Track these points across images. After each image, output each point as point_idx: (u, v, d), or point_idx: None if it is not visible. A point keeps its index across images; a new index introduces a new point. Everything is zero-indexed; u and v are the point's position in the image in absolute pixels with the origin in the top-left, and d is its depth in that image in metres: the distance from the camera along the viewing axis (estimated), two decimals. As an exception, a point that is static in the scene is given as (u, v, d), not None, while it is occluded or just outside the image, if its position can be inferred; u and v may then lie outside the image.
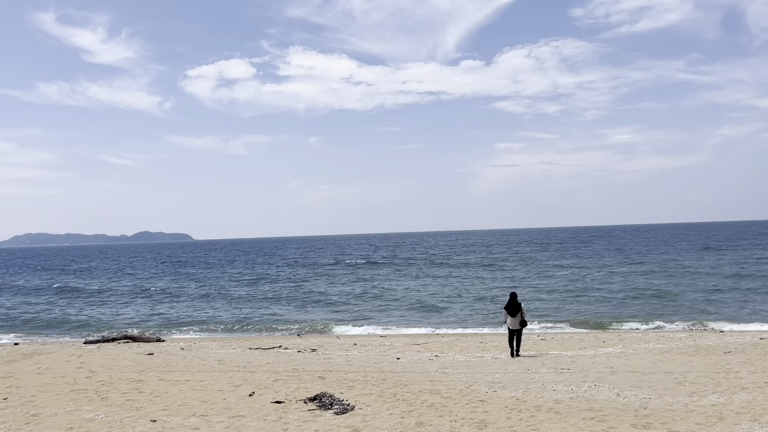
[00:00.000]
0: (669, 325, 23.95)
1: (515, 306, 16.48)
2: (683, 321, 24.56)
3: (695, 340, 18.42)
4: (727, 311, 26.48)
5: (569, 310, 28.67)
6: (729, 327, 22.61)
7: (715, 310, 26.99)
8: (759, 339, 18.07)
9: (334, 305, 33.36)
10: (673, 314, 26.26)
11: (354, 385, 12.38)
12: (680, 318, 25.28)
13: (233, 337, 24.60)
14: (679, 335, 20.31)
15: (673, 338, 19.33)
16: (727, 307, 27.45)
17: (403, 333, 24.43)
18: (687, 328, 23.13)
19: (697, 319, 24.70)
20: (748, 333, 20.50)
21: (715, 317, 25.13)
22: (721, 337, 19.08)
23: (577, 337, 20.68)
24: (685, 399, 10.64)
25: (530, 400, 10.85)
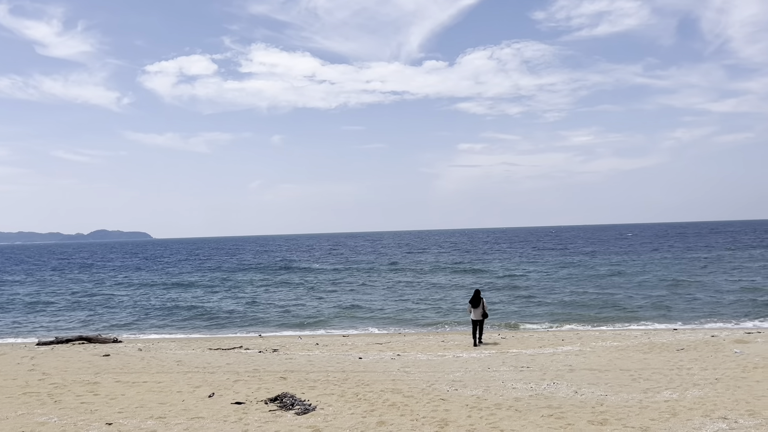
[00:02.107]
0: (625, 323, 24.50)
1: (478, 300, 18.98)
2: (638, 319, 25.17)
3: (650, 338, 18.90)
4: (678, 310, 27.22)
5: (529, 309, 29.08)
6: (681, 326, 23.26)
7: (665, 308, 27.72)
8: (710, 337, 18.65)
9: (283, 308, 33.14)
10: (629, 312, 26.90)
11: (315, 385, 12.33)
12: (635, 316, 25.91)
13: (193, 337, 24.21)
14: (634, 333, 20.80)
15: (629, 336, 19.79)
16: (678, 306, 28.22)
17: (365, 333, 24.42)
18: (642, 326, 23.71)
19: (650, 317, 25.36)
20: (700, 331, 21.14)
21: (664, 316, 25.83)
22: (674, 335, 19.63)
23: (537, 336, 21.00)
24: (639, 395, 10.91)
25: (490, 398, 10.97)
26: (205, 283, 46.48)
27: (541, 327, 24.29)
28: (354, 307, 31.37)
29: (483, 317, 18.98)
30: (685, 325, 23.49)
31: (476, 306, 18.95)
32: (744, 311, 26.13)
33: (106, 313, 31.77)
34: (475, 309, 18.95)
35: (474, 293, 19.41)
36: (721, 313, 26.00)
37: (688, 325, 23.27)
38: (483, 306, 18.96)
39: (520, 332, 22.69)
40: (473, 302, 19.09)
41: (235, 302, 34.63)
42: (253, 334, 24.48)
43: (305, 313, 30.02)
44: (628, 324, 24.27)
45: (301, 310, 30.84)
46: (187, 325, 27.74)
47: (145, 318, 29.94)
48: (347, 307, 31.53)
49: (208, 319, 28.91)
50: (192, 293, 39.92)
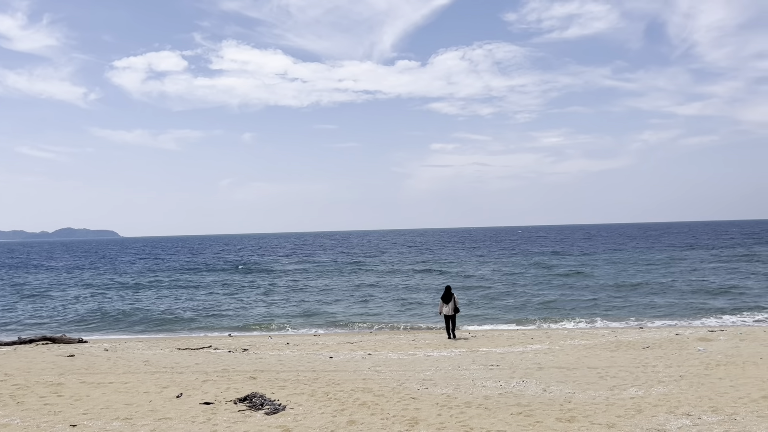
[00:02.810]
0: (594, 321, 24.88)
1: (449, 296, 20.11)
2: (605, 318, 25.59)
3: (617, 336, 19.22)
4: (641, 308, 27.74)
5: (499, 307, 29.34)
6: (646, 324, 23.71)
7: (628, 307, 28.23)
8: (675, 335, 19.05)
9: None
10: (597, 311, 27.32)
11: (286, 385, 12.25)
12: (601, 315, 26.33)
13: (161, 337, 23.85)
14: (602, 332, 21.13)
15: (596, 334, 20.10)
16: (640, 304, 28.76)
17: (336, 332, 24.36)
18: (609, 325, 24.10)
19: (617, 316, 25.81)
20: (665, 329, 21.57)
21: (629, 314, 26.30)
22: (640, 333, 19.99)
23: (506, 335, 21.19)
24: (606, 393, 11.08)
25: (460, 396, 11.03)
26: (161, 284, 45.69)
27: (510, 326, 24.51)
28: (318, 308, 31.24)
29: (455, 312, 20.20)
30: (650, 323, 23.94)
31: (447, 302, 20.08)
32: (704, 310, 26.74)
33: (40, 315, 30.70)
34: (447, 305, 20.07)
35: (445, 289, 20.58)
36: (682, 312, 26.55)
37: (654, 324, 23.72)
38: (454, 301, 20.13)
39: (490, 331, 22.87)
40: (445, 298, 20.21)
41: (184, 304, 34.16)
42: (223, 334, 24.22)
43: (266, 312, 29.80)
44: (593, 322, 24.64)
45: (262, 311, 30.61)
46: (127, 329, 26.42)
47: (78, 322, 28.23)
48: (311, 308, 31.33)
49: (149, 322, 27.75)
50: (139, 294, 38.69)
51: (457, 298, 20.39)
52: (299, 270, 55.91)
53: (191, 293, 38.56)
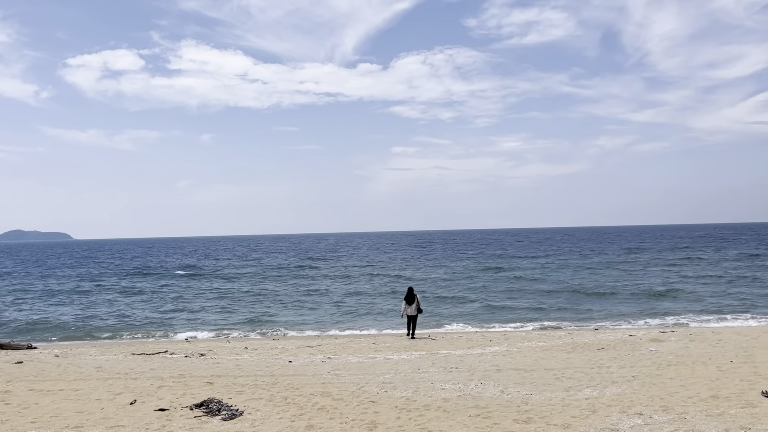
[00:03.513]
0: (551, 323, 25.30)
1: (412, 297, 20.91)
2: (561, 320, 26.05)
3: (573, 338, 19.59)
4: (597, 310, 28.36)
5: (459, 310, 29.58)
6: (601, 325, 24.24)
7: (586, 310, 28.83)
8: (628, 336, 19.51)
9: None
10: (553, 313, 27.80)
11: (243, 390, 12.08)
12: (558, 317, 26.81)
13: (115, 342, 23.25)
14: (558, 333, 21.49)
15: (553, 336, 20.44)
16: (597, 306, 29.41)
17: (296, 336, 24.17)
18: (566, 326, 24.55)
19: (574, 318, 26.32)
20: (619, 330, 22.07)
21: (585, 316, 26.87)
22: (595, 335, 20.41)
23: (466, 337, 21.37)
24: (562, 394, 11.27)
25: (420, 399, 11.07)
26: (106, 288, 44.62)
27: (470, 328, 24.74)
28: (273, 312, 30.97)
29: (417, 312, 21.02)
30: (605, 325, 24.47)
31: (411, 303, 20.87)
32: (655, 311, 27.49)
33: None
34: (410, 306, 20.87)
35: (408, 290, 21.43)
36: (635, 313, 27.24)
37: (609, 325, 24.25)
38: (417, 302, 20.95)
39: (450, 333, 23.03)
40: (408, 299, 20.98)
41: (134, 309, 33.47)
42: (179, 338, 23.76)
43: (221, 317, 29.40)
44: (550, 324, 25.06)
45: (216, 316, 30.19)
46: (73, 335, 25.08)
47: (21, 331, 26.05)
48: (265, 312, 31.01)
49: (97, 329, 26.29)
50: (86, 299, 37.29)
51: (419, 299, 21.29)
52: (252, 273, 55.22)
53: (140, 298, 37.64)
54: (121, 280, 49.96)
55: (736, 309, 27.68)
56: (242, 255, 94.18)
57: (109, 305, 34.12)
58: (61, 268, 68.56)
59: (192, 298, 36.50)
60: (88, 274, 57.87)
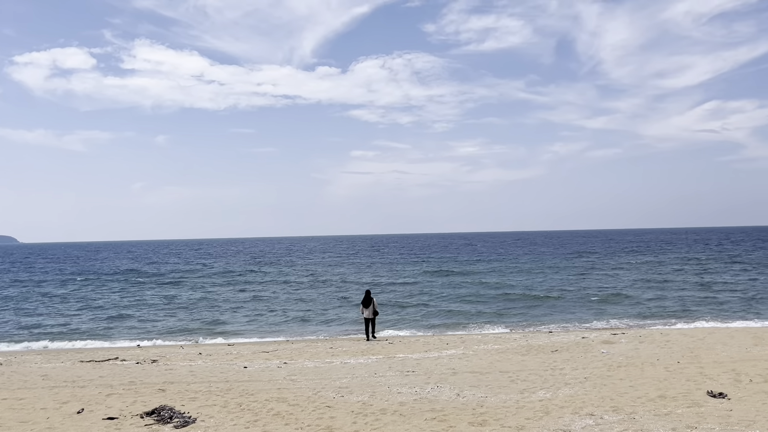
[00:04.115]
0: (506, 326, 25.64)
1: (369, 300, 21.34)
2: (517, 323, 26.44)
3: (528, 341, 19.88)
4: (549, 313, 28.91)
5: (415, 313, 29.70)
6: (555, 328, 24.70)
7: (539, 314, 29.35)
8: (581, 338, 19.92)
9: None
10: (508, 317, 28.19)
11: (197, 397, 11.85)
12: (513, 321, 27.20)
13: (62, 348, 22.50)
14: (513, 336, 21.78)
15: (509, 339, 20.70)
16: (549, 308, 29.98)
17: (251, 341, 23.85)
18: (521, 329, 24.92)
19: (529, 321, 26.75)
20: (572, 332, 22.51)
21: (539, 319, 27.34)
22: (549, 337, 20.77)
23: (423, 340, 21.45)
24: (517, 396, 11.42)
25: (376, 403, 11.05)
26: (55, 292, 43.32)
27: (427, 331, 24.86)
28: (228, 317, 30.53)
29: (374, 315, 21.56)
30: (558, 327, 24.93)
31: (367, 306, 21.38)
32: (607, 314, 28.17)
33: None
34: (367, 308, 21.38)
35: (365, 293, 21.85)
36: (587, 316, 27.86)
37: (562, 328, 24.71)
38: (374, 305, 21.45)
39: (407, 337, 23.09)
40: (365, 302, 21.49)
41: (82, 313, 32.58)
42: (131, 345, 23.16)
43: (173, 323, 28.82)
44: (505, 327, 25.40)
45: (168, 322, 29.59)
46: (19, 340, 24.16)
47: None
48: (218, 317, 30.53)
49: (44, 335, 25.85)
50: (28, 304, 36.63)
51: (376, 302, 21.82)
52: (204, 277, 54.30)
53: (86, 303, 36.53)
54: (64, 285, 48.39)
55: (683, 311, 28.58)
56: (194, 259, 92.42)
57: (52, 312, 33.01)
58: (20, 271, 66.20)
59: (142, 304, 35.62)
60: (29, 280, 55.80)
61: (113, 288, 45.62)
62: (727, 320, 25.74)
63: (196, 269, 66.03)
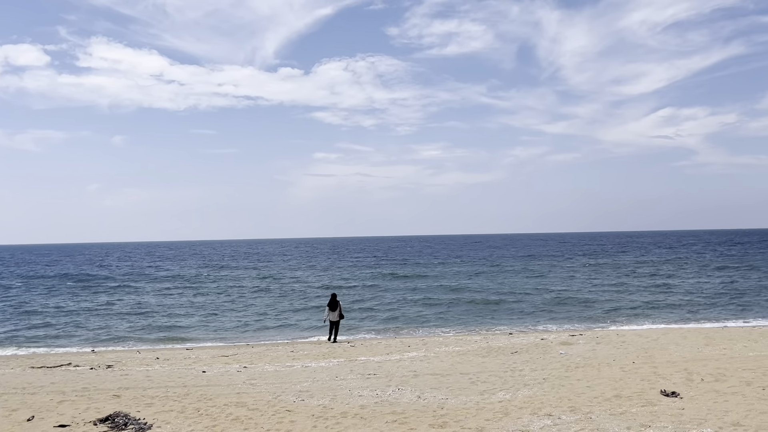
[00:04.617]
0: (467, 328, 25.86)
1: (335, 303, 21.76)
2: (478, 325, 26.70)
3: (488, 342, 20.08)
4: (511, 316, 29.29)
5: (377, 317, 29.70)
6: (515, 329, 25.03)
7: (498, 315, 29.70)
8: (540, 339, 20.22)
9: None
10: (468, 318, 28.45)
11: (153, 402, 11.59)
12: (474, 322, 27.47)
13: (11, 355, 21.75)
14: (474, 338, 21.97)
15: (469, 341, 20.87)
16: (510, 312, 30.38)
17: (211, 345, 23.48)
18: (482, 331, 25.16)
19: (488, 324, 27.05)
20: (531, 334, 22.83)
21: (498, 321, 27.68)
22: (509, 339, 21.02)
23: (384, 343, 21.46)
24: (477, 397, 11.51)
25: (337, 407, 10.99)
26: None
27: (388, 334, 24.88)
28: (181, 323, 30.05)
29: (339, 318, 21.92)
30: (518, 329, 25.27)
31: (333, 309, 21.75)
32: (566, 316, 28.70)
33: None
34: (332, 312, 21.74)
35: (331, 297, 22.31)
36: (546, 318, 28.32)
37: (522, 329, 25.05)
38: (339, 308, 21.84)
39: (369, 340, 23.07)
40: (330, 305, 21.86)
41: (25, 318, 31.64)
42: (84, 350, 22.54)
43: (130, 326, 28.22)
44: (466, 329, 25.62)
45: (125, 324, 28.95)
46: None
47: None
48: (172, 324, 30.04)
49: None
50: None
51: (342, 306, 22.27)
52: (162, 280, 53.33)
53: (36, 307, 35.45)
54: (8, 290, 46.83)
55: (638, 313, 29.29)
56: (149, 262, 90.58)
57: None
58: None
59: (96, 308, 34.72)
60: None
61: (61, 292, 44.34)
62: (680, 321, 26.49)
63: (149, 273, 64.57)
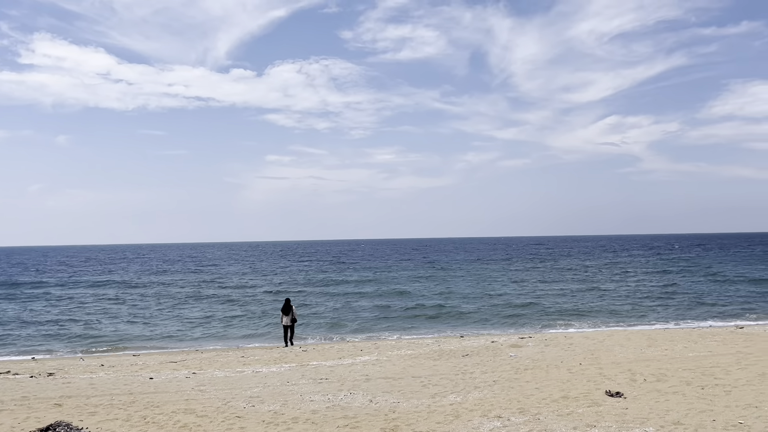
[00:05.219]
0: (418, 332, 26.02)
1: (288, 308, 22.02)
2: (428, 329, 26.90)
3: (440, 345, 20.24)
4: (460, 319, 29.64)
5: (326, 323, 29.57)
6: (466, 332, 25.32)
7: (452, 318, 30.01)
8: (491, 342, 20.51)
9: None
10: (419, 323, 28.64)
11: (97, 411, 11.23)
12: (425, 326, 27.67)
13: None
14: (427, 341, 22.12)
15: (422, 344, 20.99)
16: (461, 315, 30.73)
17: (158, 351, 22.94)
18: (434, 335, 25.36)
19: (439, 327, 27.29)
20: (482, 337, 23.14)
21: (450, 324, 27.98)
22: (461, 342, 21.24)
23: (337, 347, 21.39)
24: (428, 401, 11.59)
25: (288, 412, 10.89)
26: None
27: (342, 338, 24.82)
28: (126, 329, 29.30)
29: (293, 322, 22.22)
30: (469, 332, 25.58)
31: (287, 313, 22.00)
32: (516, 320, 29.22)
33: None
34: (286, 316, 22.00)
35: (285, 301, 22.49)
36: (496, 321, 28.78)
37: (473, 333, 25.36)
38: (293, 312, 22.11)
39: (321, 344, 22.96)
40: (284, 310, 22.12)
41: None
42: (24, 357, 21.69)
43: (81, 333, 27.34)
44: (418, 333, 25.79)
45: (78, 330, 28.04)
46: None
47: None
48: (117, 329, 29.28)
49: None
50: None
51: (295, 310, 22.52)
52: (106, 286, 51.87)
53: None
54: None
55: (585, 315, 30.05)
56: (89, 266, 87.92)
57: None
58: None
59: (36, 314, 33.48)
60: None
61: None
62: (624, 323, 27.32)
63: (89, 279, 62.66)
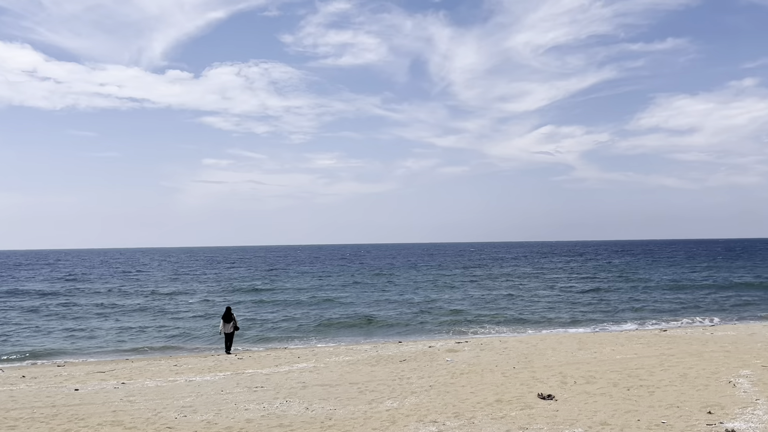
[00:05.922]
0: (356, 338, 25.98)
1: (229, 316, 22.13)
2: (366, 335, 26.91)
3: (377, 351, 20.28)
4: (400, 325, 29.82)
5: (266, 328, 29.15)
6: (405, 338, 25.47)
7: (388, 324, 30.15)
8: (428, 347, 20.69)
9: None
10: (357, 330, 28.61)
11: (17, 425, 10.68)
12: (363, 333, 27.66)
13: None
14: (364, 347, 22.11)
15: (359, 350, 20.97)
16: (397, 321, 30.93)
17: (85, 361, 22.00)
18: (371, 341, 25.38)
19: (377, 333, 27.34)
20: (420, 342, 23.31)
21: (387, 332, 28.10)
22: (398, 347, 21.34)
23: (273, 355, 21.08)
24: (365, 407, 11.57)
25: (221, 422, 10.65)
26: None
27: (278, 345, 24.48)
28: (53, 340, 28.07)
29: (234, 330, 22.29)
30: (407, 338, 25.73)
31: (228, 321, 22.05)
32: (454, 323, 29.61)
33: None
34: (228, 324, 22.04)
35: (225, 310, 22.66)
36: (434, 327, 29.08)
37: (410, 338, 25.52)
38: (234, 321, 22.20)
39: (257, 352, 22.58)
40: (225, 318, 22.16)
41: None
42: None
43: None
44: (356, 339, 25.76)
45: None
46: None
47: None
48: (40, 341, 28.00)
49: None
50: None
51: (236, 318, 22.73)
52: (25, 295, 49.54)
53: None
54: None
55: (519, 320, 30.76)
56: (9, 272, 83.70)
57: None
58: None
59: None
60: None
61: None
62: (557, 327, 28.13)
63: (6, 287, 59.68)
